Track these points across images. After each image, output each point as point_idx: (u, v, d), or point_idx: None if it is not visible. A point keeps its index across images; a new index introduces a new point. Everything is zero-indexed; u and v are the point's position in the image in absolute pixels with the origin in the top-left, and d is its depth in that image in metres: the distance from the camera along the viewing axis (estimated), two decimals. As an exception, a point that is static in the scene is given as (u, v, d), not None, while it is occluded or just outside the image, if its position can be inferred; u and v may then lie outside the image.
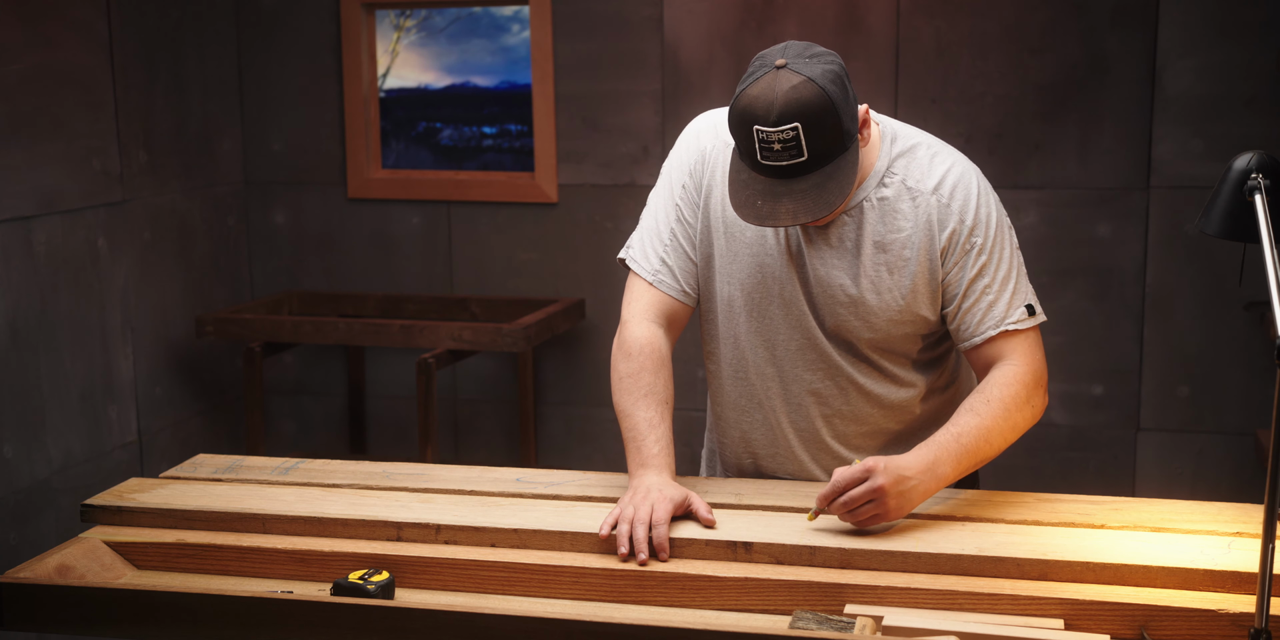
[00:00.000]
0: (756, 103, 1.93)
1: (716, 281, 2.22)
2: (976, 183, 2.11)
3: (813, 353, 2.18)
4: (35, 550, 3.30)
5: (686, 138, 2.26)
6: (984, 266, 2.09)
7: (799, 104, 1.91)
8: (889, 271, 2.10)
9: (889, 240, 2.10)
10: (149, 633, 1.81)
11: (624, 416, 2.15)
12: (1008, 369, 2.08)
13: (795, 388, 2.20)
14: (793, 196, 1.95)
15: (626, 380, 2.16)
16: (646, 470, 2.08)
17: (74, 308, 3.57)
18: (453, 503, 2.11)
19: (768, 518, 2.03)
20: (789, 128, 1.91)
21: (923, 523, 2.00)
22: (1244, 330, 3.77)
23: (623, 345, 2.20)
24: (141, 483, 2.23)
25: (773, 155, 1.94)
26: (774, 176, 1.96)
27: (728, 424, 2.29)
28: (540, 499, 2.14)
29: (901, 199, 2.10)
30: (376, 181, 4.29)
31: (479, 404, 4.33)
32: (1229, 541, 1.91)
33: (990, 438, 2.03)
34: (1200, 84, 3.70)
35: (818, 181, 1.95)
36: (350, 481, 2.22)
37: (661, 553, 1.93)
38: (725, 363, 2.25)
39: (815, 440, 2.23)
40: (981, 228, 2.09)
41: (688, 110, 3.94)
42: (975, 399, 2.06)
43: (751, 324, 2.20)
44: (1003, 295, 2.09)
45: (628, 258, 2.27)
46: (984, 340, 2.10)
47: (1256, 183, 1.79)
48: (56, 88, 3.48)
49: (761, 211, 1.97)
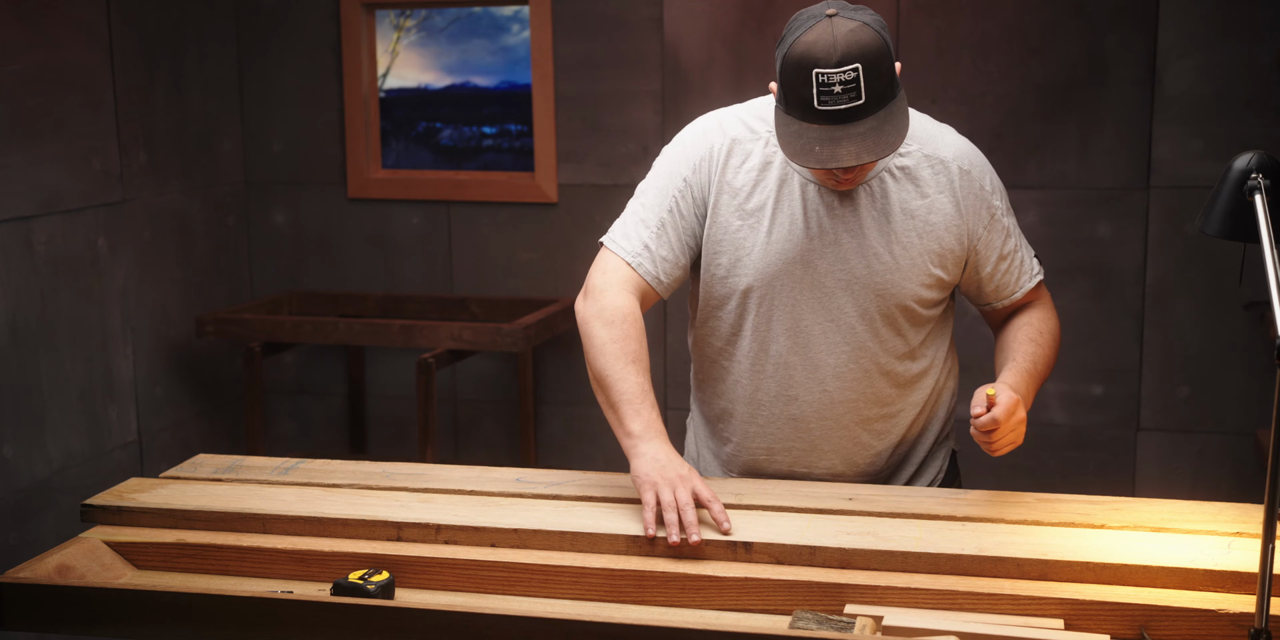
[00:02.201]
0: (816, 46, 1.96)
1: (732, 276, 2.21)
2: (980, 154, 2.28)
3: (838, 335, 2.20)
4: (35, 550, 3.30)
5: (693, 133, 2.25)
6: (1008, 229, 2.25)
7: (859, 46, 1.96)
8: (918, 236, 2.18)
9: (915, 207, 2.18)
10: (149, 633, 1.81)
11: (614, 381, 2.11)
12: (1042, 308, 2.31)
13: (820, 374, 2.22)
14: (852, 140, 1.98)
15: (611, 345, 2.14)
16: (651, 438, 2.07)
17: (74, 308, 3.57)
18: (453, 503, 2.11)
19: (768, 518, 2.03)
20: (850, 68, 1.95)
21: (923, 522, 2.00)
22: (1244, 330, 3.77)
23: (601, 312, 2.17)
24: (141, 483, 2.23)
25: (832, 98, 1.96)
26: (831, 122, 1.98)
27: (741, 421, 2.29)
28: (540, 499, 2.14)
29: (922, 167, 2.19)
30: (376, 181, 4.29)
31: (479, 404, 4.33)
32: (1229, 541, 1.91)
33: (1049, 364, 2.25)
34: (1200, 84, 3.70)
35: (874, 125, 1.99)
36: (350, 481, 2.22)
37: (724, 524, 1.97)
38: (743, 356, 2.25)
39: (839, 427, 2.24)
40: (999, 193, 2.25)
41: (688, 110, 3.94)
42: (1028, 331, 2.27)
43: (775, 313, 2.20)
44: (1024, 250, 2.29)
45: (607, 240, 2.26)
46: (1024, 294, 2.28)
47: (1256, 183, 1.79)
48: (56, 88, 3.48)
49: (821, 155, 1.98)
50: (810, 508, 2.07)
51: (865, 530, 1.96)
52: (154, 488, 2.20)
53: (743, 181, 2.19)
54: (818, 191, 2.17)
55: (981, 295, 2.29)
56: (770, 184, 2.18)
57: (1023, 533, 1.95)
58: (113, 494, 2.16)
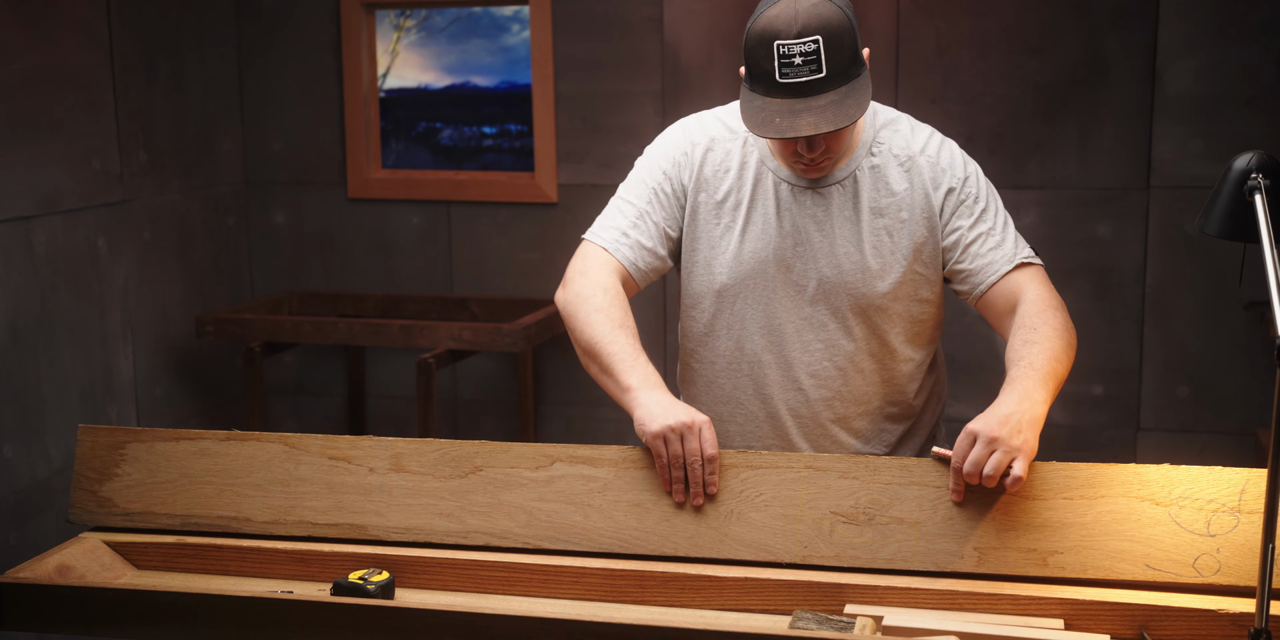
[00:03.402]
0: (778, 20, 1.99)
1: (707, 274, 2.23)
2: (957, 147, 2.23)
3: (812, 333, 2.20)
4: (35, 550, 3.29)
5: (672, 133, 2.29)
6: (983, 213, 2.19)
7: (820, 18, 1.98)
8: (889, 235, 2.17)
9: (884, 204, 2.17)
10: (149, 633, 1.81)
11: (603, 345, 2.09)
12: (1033, 298, 2.14)
13: (794, 372, 2.22)
14: (812, 112, 1.99)
15: (595, 314, 2.12)
16: (650, 388, 2.03)
17: (74, 308, 3.57)
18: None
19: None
20: (810, 40, 1.97)
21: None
22: (1244, 330, 3.76)
23: (580, 291, 2.17)
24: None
25: (793, 71, 1.99)
26: (792, 95, 2.00)
27: (720, 419, 2.29)
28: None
29: (890, 165, 2.18)
30: (376, 181, 4.29)
31: (479, 404, 4.32)
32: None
33: (1058, 356, 2.05)
34: (1200, 84, 3.70)
35: (835, 99, 2.00)
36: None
37: (711, 488, 1.94)
38: (718, 356, 2.26)
39: (816, 425, 2.25)
40: (973, 180, 2.19)
41: (688, 110, 3.91)
42: (1023, 333, 2.08)
43: (748, 312, 2.22)
44: (1006, 237, 2.20)
45: (587, 234, 2.28)
46: (999, 277, 2.16)
47: (1256, 183, 1.79)
48: (56, 88, 3.48)
49: (781, 126, 2.00)
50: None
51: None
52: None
53: (719, 179, 2.22)
54: (791, 191, 2.18)
55: (962, 284, 2.21)
56: (746, 183, 2.21)
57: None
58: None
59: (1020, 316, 2.13)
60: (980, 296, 2.19)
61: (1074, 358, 2.10)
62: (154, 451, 2.11)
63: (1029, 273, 2.18)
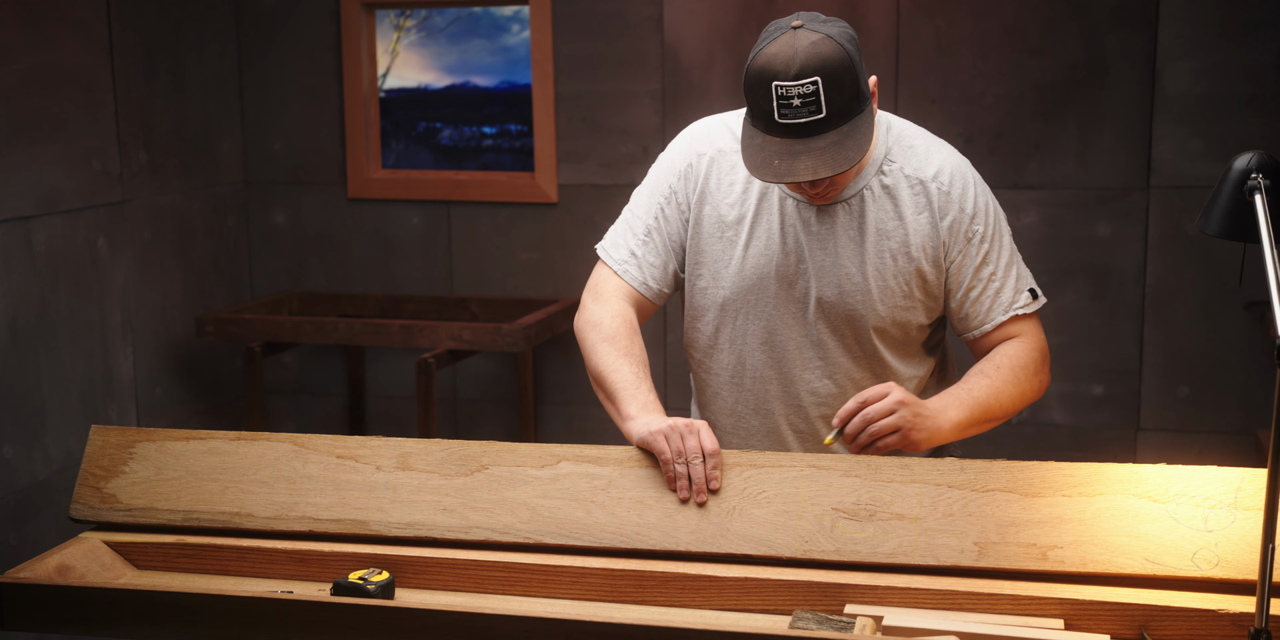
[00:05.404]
0: (776, 59, 1.95)
1: (711, 287, 2.22)
2: (971, 173, 2.17)
3: (812, 351, 2.18)
4: (35, 550, 3.30)
5: (681, 142, 2.26)
6: (987, 254, 2.14)
7: (819, 58, 1.94)
8: (892, 258, 2.14)
9: (890, 227, 2.13)
10: (149, 633, 1.81)
11: (608, 373, 2.12)
12: (1016, 343, 2.16)
13: (795, 389, 2.21)
14: (811, 154, 1.96)
15: (602, 344, 2.16)
16: (649, 414, 2.04)
17: (74, 308, 3.57)
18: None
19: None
20: (809, 81, 1.93)
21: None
22: (1244, 330, 3.77)
23: (590, 318, 2.20)
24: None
25: (791, 112, 1.95)
26: (791, 136, 1.97)
27: (723, 431, 2.29)
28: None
29: (900, 187, 2.14)
30: (376, 181, 4.29)
31: (479, 404, 4.32)
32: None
33: (1000, 398, 2.09)
34: (1200, 84, 3.70)
35: (835, 139, 1.96)
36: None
37: (714, 482, 1.94)
38: (721, 369, 2.26)
39: (816, 441, 2.24)
40: (982, 216, 2.14)
41: (688, 110, 3.94)
42: (985, 364, 2.13)
43: (750, 327, 2.20)
44: (1008, 281, 2.16)
45: (599, 249, 2.29)
46: (994, 327, 2.16)
47: (1256, 183, 1.79)
48: (56, 88, 3.48)
49: (779, 170, 1.97)
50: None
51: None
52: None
53: (725, 193, 2.20)
54: (796, 207, 2.16)
55: (954, 323, 2.21)
56: (751, 197, 2.18)
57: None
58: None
59: (993, 353, 2.16)
60: (971, 341, 2.22)
61: (1020, 407, 2.15)
62: (164, 450, 2.11)
63: (1021, 324, 2.18)
